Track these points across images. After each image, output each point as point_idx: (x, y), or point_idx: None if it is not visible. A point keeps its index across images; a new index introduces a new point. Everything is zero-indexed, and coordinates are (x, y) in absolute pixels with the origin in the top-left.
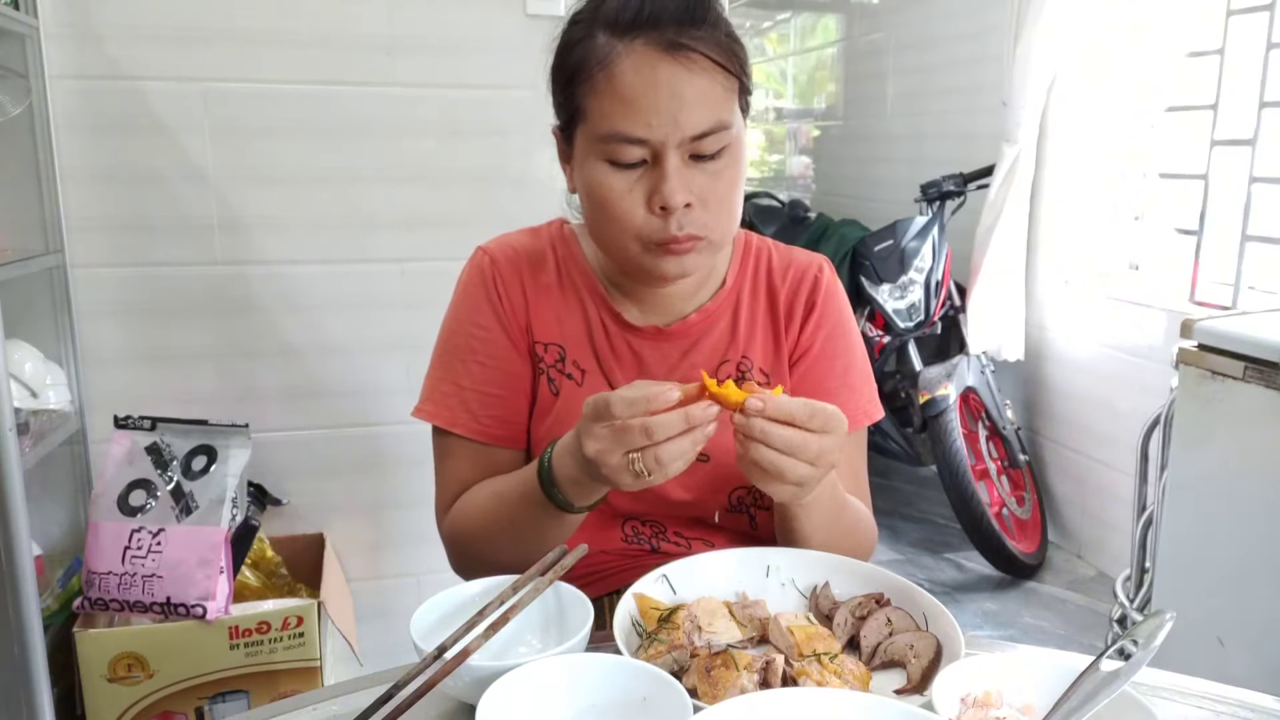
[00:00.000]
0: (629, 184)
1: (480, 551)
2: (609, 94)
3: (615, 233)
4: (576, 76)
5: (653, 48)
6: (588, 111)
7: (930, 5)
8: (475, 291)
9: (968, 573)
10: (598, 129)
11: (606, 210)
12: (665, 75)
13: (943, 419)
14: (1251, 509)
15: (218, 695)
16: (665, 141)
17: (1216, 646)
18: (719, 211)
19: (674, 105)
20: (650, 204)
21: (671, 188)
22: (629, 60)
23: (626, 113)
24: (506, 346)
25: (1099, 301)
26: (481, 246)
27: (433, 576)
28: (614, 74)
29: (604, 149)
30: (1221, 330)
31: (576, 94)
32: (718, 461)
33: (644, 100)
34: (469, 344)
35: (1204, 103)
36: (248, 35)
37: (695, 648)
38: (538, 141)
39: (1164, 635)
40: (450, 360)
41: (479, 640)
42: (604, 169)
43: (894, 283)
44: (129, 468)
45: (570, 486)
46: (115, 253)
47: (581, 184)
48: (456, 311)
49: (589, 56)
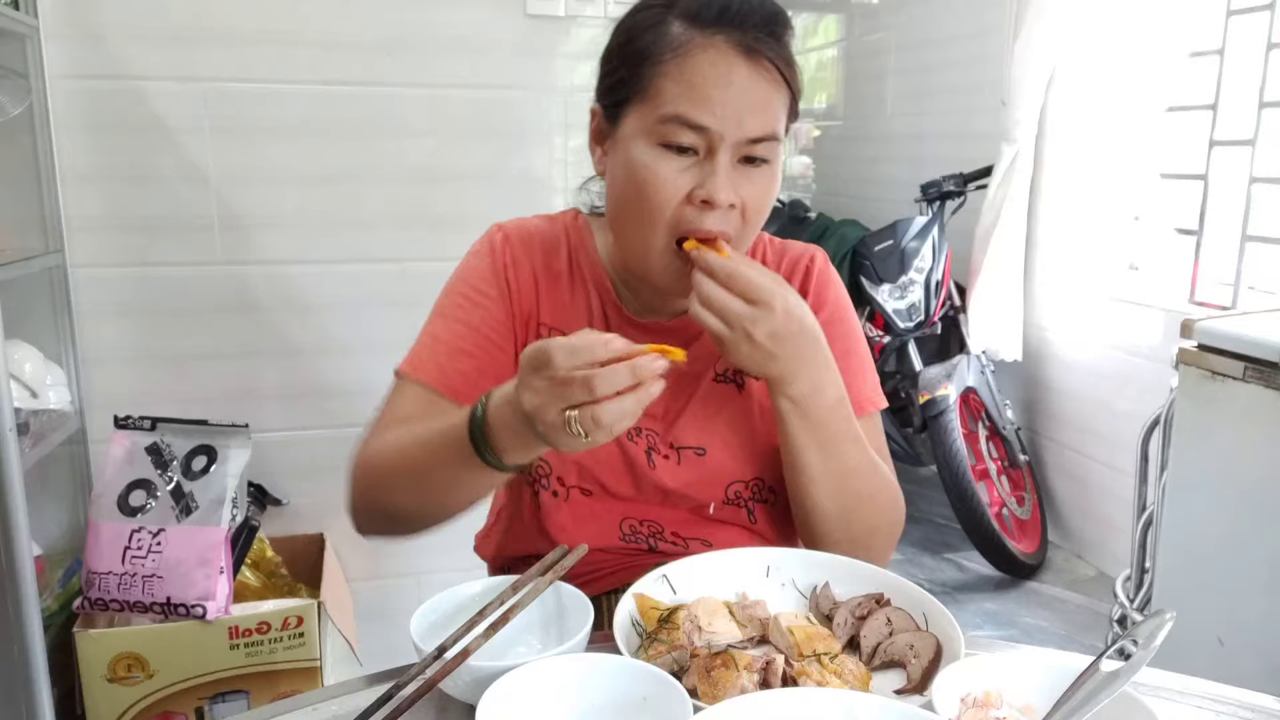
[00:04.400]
0: (676, 171)
1: (382, 494)
2: (680, 78)
3: (646, 218)
4: (646, 57)
5: (731, 46)
6: (653, 91)
7: (930, 5)
8: (483, 261)
9: (968, 573)
10: (660, 109)
11: (645, 191)
12: (739, 74)
13: (943, 419)
14: (1251, 509)
15: (218, 695)
16: (724, 137)
17: (1216, 646)
18: (752, 219)
19: (740, 104)
20: (693, 195)
21: (721, 183)
22: (706, 53)
23: (694, 99)
24: (500, 319)
25: (1099, 301)
26: (499, 224)
27: (433, 576)
28: (689, 61)
29: (661, 130)
30: (1221, 330)
31: (643, 74)
32: (714, 455)
33: (714, 91)
34: (459, 304)
35: (1204, 103)
36: (248, 35)
37: (695, 648)
38: (538, 141)
39: (1164, 635)
40: (434, 319)
41: (479, 640)
42: (655, 151)
43: (894, 283)
44: (129, 468)
45: (506, 436)
46: (115, 253)
47: (621, 164)
48: (457, 276)
49: (662, 41)
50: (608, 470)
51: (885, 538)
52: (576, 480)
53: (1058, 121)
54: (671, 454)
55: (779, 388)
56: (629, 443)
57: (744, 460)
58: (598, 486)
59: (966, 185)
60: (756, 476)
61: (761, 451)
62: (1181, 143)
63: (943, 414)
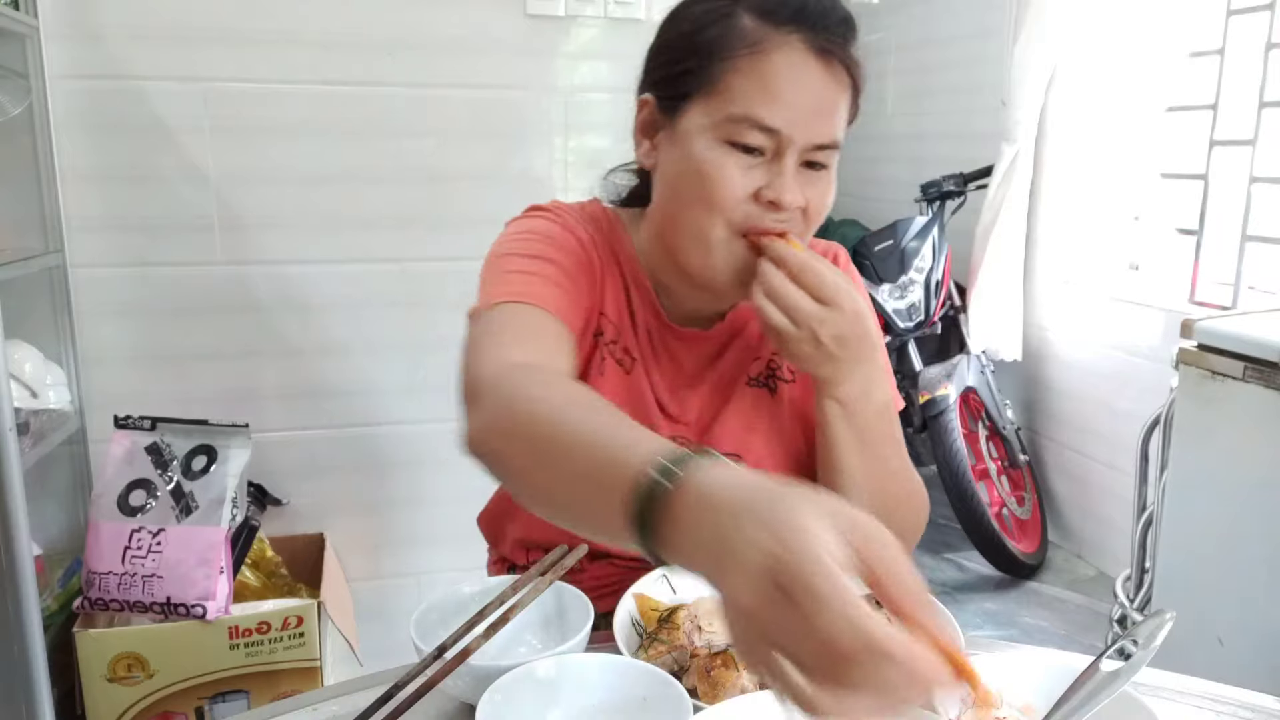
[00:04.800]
0: (742, 169)
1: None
2: (754, 76)
3: (708, 213)
4: (715, 51)
5: (807, 46)
6: (722, 87)
7: (930, 5)
8: (557, 226)
9: (968, 573)
10: (730, 107)
11: (709, 188)
12: (813, 77)
13: (943, 419)
14: (1251, 509)
15: (218, 695)
16: (794, 140)
17: (1216, 646)
18: (812, 223)
19: (812, 108)
20: (759, 195)
21: (789, 185)
22: (782, 52)
23: (768, 100)
24: (582, 275)
25: (1099, 301)
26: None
27: (433, 576)
28: (764, 59)
29: (730, 128)
30: (1221, 330)
31: (712, 68)
32: (748, 462)
33: (789, 94)
34: (546, 249)
35: (1204, 103)
36: (248, 35)
37: (695, 648)
38: (538, 141)
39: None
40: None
41: (479, 640)
42: (721, 148)
43: (894, 283)
44: (129, 468)
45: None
46: (115, 253)
47: (681, 159)
48: (527, 231)
49: (733, 35)
50: None
51: (914, 539)
52: None
53: (1058, 121)
54: None
55: (828, 389)
56: None
57: (775, 466)
58: None
59: (966, 185)
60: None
61: (792, 457)
62: (1181, 143)
63: (943, 414)
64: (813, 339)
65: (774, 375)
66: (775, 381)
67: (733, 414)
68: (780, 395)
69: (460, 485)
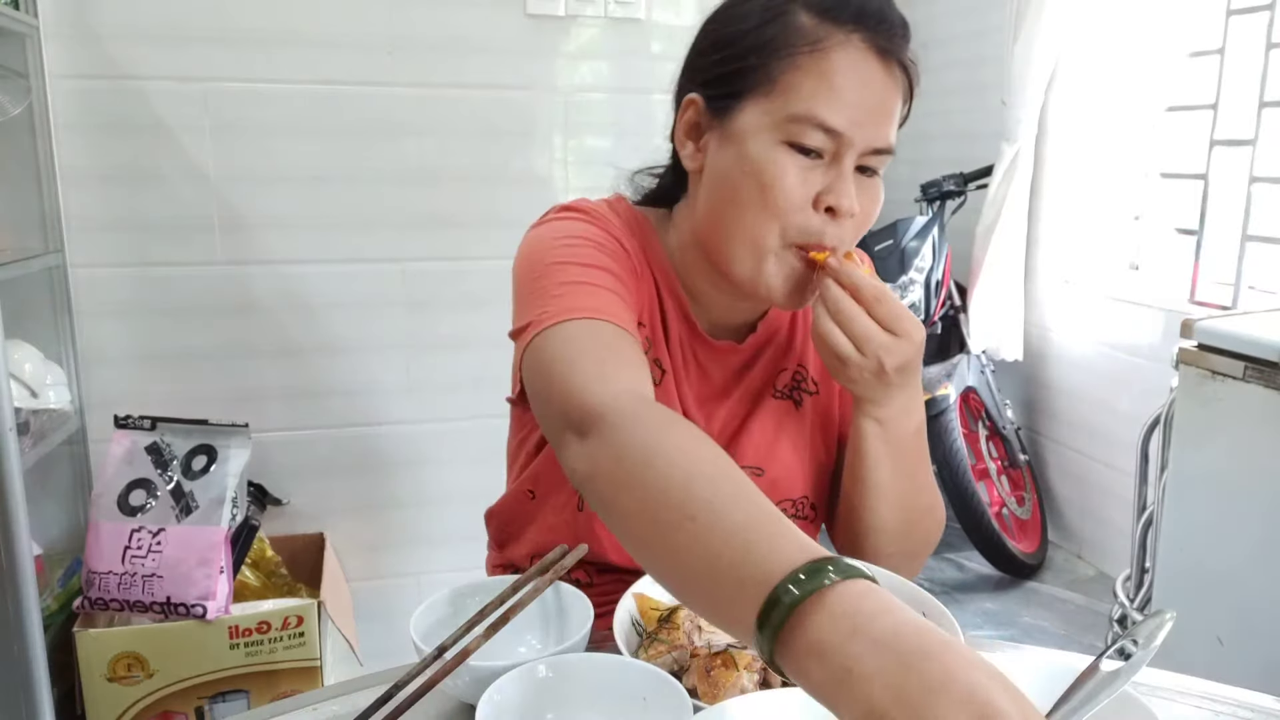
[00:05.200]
0: (802, 172)
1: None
2: (817, 75)
3: (765, 219)
4: (774, 49)
5: (869, 47)
6: (782, 86)
7: (930, 5)
8: (597, 229)
9: (968, 573)
10: (792, 107)
11: (770, 192)
12: (876, 77)
13: (943, 419)
14: (1251, 509)
15: (218, 695)
16: (854, 142)
17: (1216, 646)
18: (859, 232)
19: (875, 110)
20: (819, 200)
21: (849, 190)
22: (845, 51)
23: (831, 100)
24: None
25: (1099, 301)
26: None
27: (433, 576)
28: (827, 58)
29: (790, 129)
30: (1221, 330)
31: (770, 66)
32: (771, 475)
33: (851, 94)
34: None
35: (1204, 103)
36: (248, 35)
37: (695, 648)
38: (538, 141)
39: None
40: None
41: (479, 640)
42: (780, 149)
43: (894, 283)
44: (129, 468)
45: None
46: (115, 253)
47: (737, 160)
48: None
49: (793, 32)
50: None
51: (932, 548)
52: None
53: (1058, 121)
54: None
55: (870, 409)
56: None
57: (797, 479)
58: None
59: (966, 185)
60: (804, 494)
61: (813, 469)
62: (1181, 143)
63: (943, 414)
64: (877, 368)
65: (799, 387)
66: (800, 394)
67: (758, 426)
68: (804, 407)
69: (460, 485)
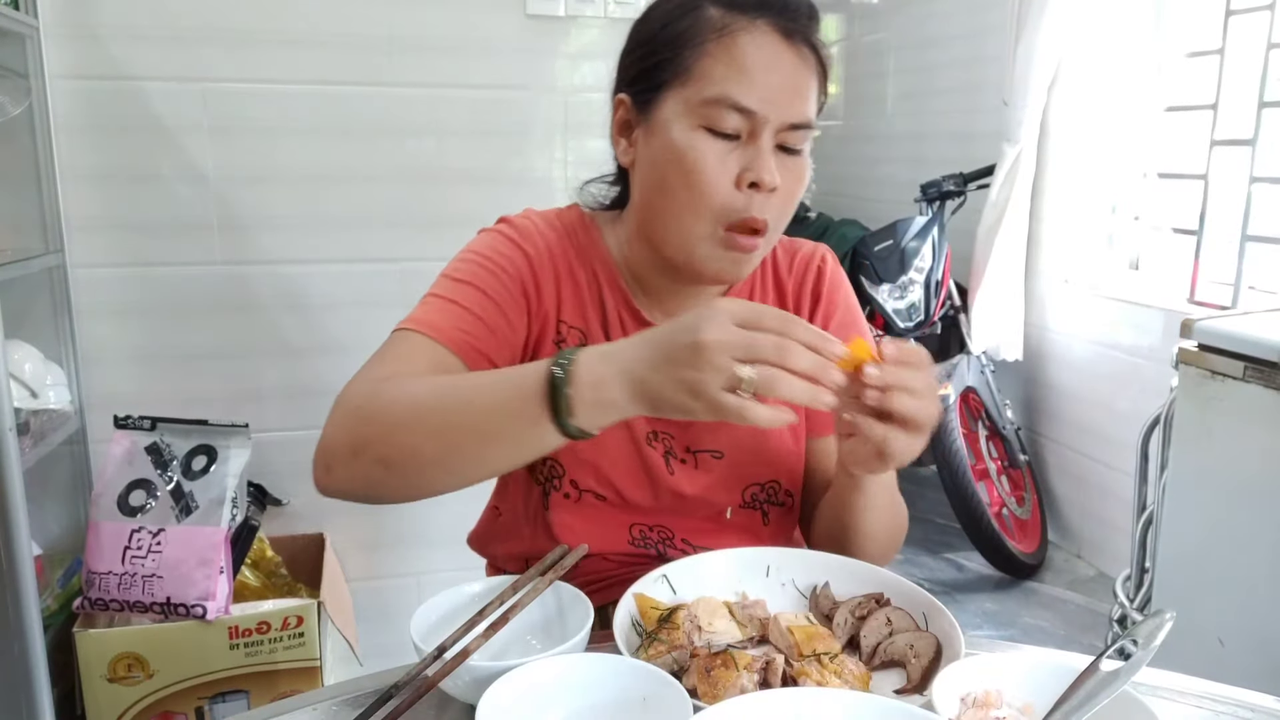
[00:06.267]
0: (721, 154)
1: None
2: (726, 60)
3: (693, 204)
4: (685, 40)
5: (775, 30)
6: (696, 74)
7: (930, 5)
8: (509, 243)
9: (968, 573)
10: (705, 92)
11: (693, 177)
12: (784, 58)
13: (943, 419)
14: (1251, 509)
15: (218, 695)
16: (769, 119)
17: (1216, 646)
18: (786, 207)
19: (785, 87)
20: (739, 179)
21: (768, 165)
22: (751, 35)
23: (742, 81)
24: (517, 300)
25: (1099, 301)
26: (507, 217)
27: (433, 576)
28: (734, 43)
29: (706, 113)
30: (1221, 330)
31: (683, 56)
32: (732, 459)
33: (760, 74)
34: (479, 274)
35: (1204, 103)
36: (248, 35)
37: (695, 648)
38: (538, 141)
39: (1164, 635)
40: (445, 282)
41: (479, 640)
42: (699, 135)
43: (894, 283)
44: (129, 468)
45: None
46: (115, 253)
47: (662, 150)
48: (476, 249)
49: (702, 23)
50: (626, 476)
51: (899, 547)
52: (593, 485)
53: (1059, 121)
54: (689, 458)
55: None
56: (648, 448)
57: (761, 463)
58: (614, 493)
59: (967, 185)
60: (773, 479)
61: (777, 454)
62: (1181, 143)
63: (943, 414)
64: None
65: None
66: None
67: None
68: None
69: None
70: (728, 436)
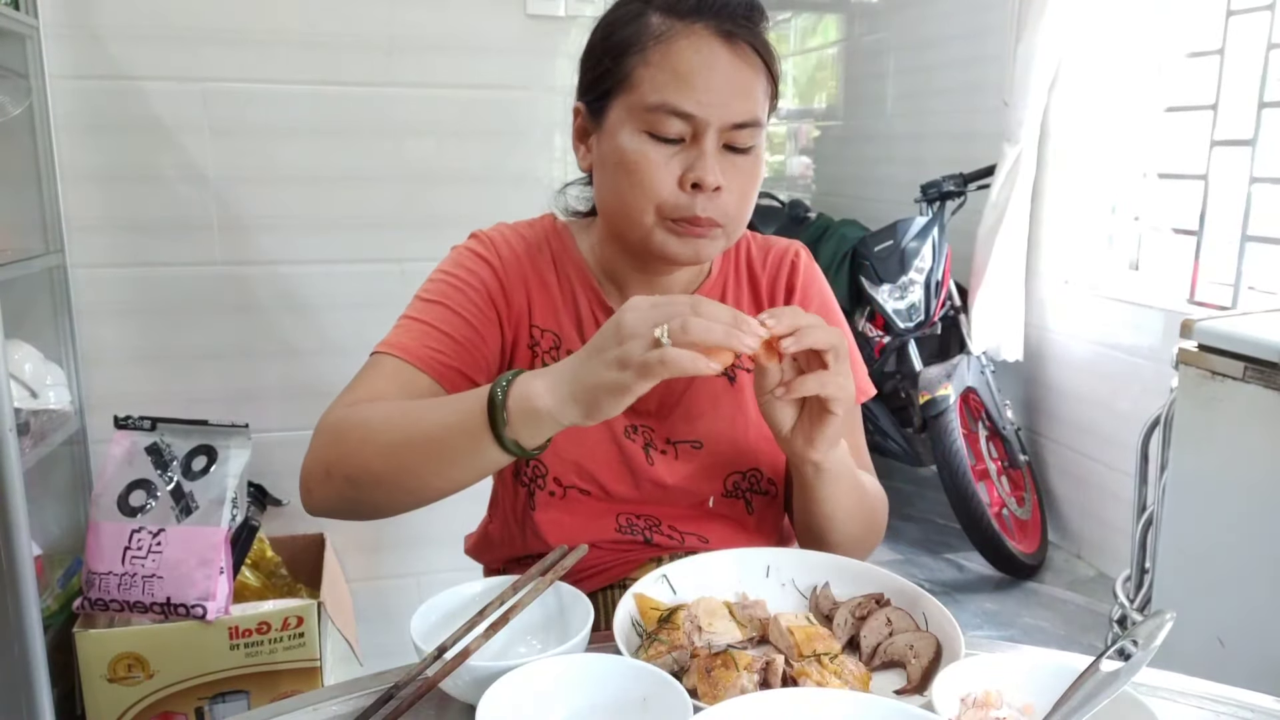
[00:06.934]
0: (665, 157)
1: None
2: (664, 66)
3: (639, 203)
4: (627, 49)
5: (712, 33)
6: (637, 81)
7: (930, 5)
8: (475, 258)
9: (968, 573)
10: (646, 99)
11: (636, 178)
12: (721, 60)
13: (943, 419)
14: (1251, 509)
15: (218, 695)
16: (710, 122)
17: (1216, 646)
18: (740, 204)
19: (725, 89)
20: (682, 180)
21: (709, 166)
22: (688, 39)
23: (680, 86)
24: (486, 311)
25: (1099, 301)
26: (479, 231)
27: (433, 576)
28: (671, 49)
29: (648, 119)
30: (1221, 330)
31: (625, 64)
32: (711, 449)
33: (698, 78)
34: (444, 289)
35: (1204, 103)
36: (248, 35)
37: (695, 648)
38: (538, 141)
39: (1164, 635)
40: (416, 303)
41: (479, 640)
42: (642, 139)
43: (894, 283)
44: (129, 468)
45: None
46: (115, 253)
47: (610, 154)
48: (442, 269)
49: (643, 31)
50: (607, 470)
51: (882, 531)
52: (576, 480)
53: (1059, 121)
54: (669, 449)
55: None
56: (627, 441)
57: (740, 452)
58: (597, 487)
59: (967, 185)
60: (753, 468)
61: (756, 443)
62: (1181, 143)
63: (943, 414)
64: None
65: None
66: (735, 369)
67: (691, 402)
68: (740, 383)
69: None
70: (705, 427)
